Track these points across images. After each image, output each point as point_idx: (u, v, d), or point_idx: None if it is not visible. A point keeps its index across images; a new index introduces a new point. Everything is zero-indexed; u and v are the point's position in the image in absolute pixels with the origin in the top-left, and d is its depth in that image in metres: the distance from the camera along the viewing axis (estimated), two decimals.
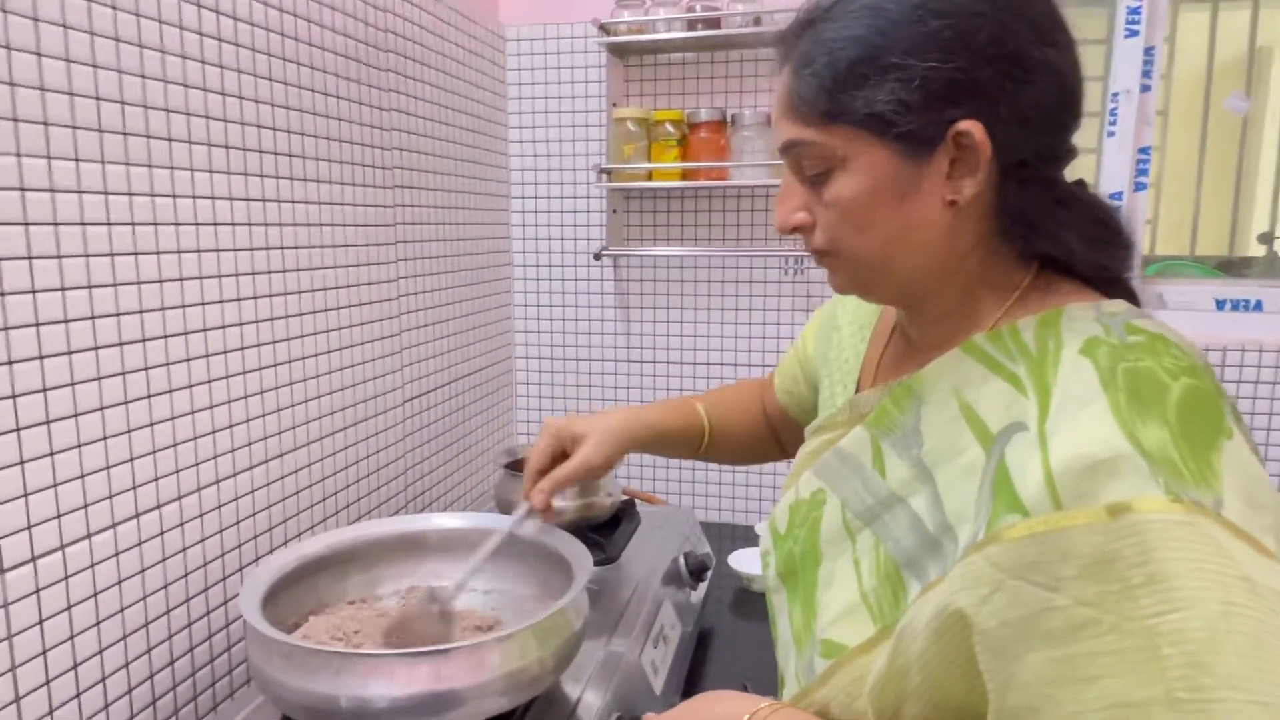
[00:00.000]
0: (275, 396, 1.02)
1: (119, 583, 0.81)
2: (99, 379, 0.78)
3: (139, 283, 0.82)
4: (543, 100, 1.70)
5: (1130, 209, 1.53)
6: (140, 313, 0.82)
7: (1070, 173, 0.63)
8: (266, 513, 1.02)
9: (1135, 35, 1.48)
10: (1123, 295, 0.61)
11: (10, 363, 0.70)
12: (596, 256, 1.67)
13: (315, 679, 0.71)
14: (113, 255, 0.79)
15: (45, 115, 0.72)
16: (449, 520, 1.00)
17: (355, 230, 1.17)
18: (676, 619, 1.12)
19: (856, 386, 0.75)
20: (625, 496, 1.33)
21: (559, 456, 0.89)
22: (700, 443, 0.96)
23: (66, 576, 0.76)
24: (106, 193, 0.78)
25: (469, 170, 1.54)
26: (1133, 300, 0.61)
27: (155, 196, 0.83)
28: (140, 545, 0.84)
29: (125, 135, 0.80)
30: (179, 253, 0.86)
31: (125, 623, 0.82)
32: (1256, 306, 1.50)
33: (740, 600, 1.39)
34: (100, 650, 0.80)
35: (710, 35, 1.51)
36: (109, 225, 0.79)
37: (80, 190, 0.76)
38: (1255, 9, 2.02)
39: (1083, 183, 0.62)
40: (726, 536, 1.63)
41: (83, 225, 0.76)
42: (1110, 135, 1.52)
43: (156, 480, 0.85)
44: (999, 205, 0.59)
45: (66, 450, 0.75)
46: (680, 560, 1.21)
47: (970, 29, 0.54)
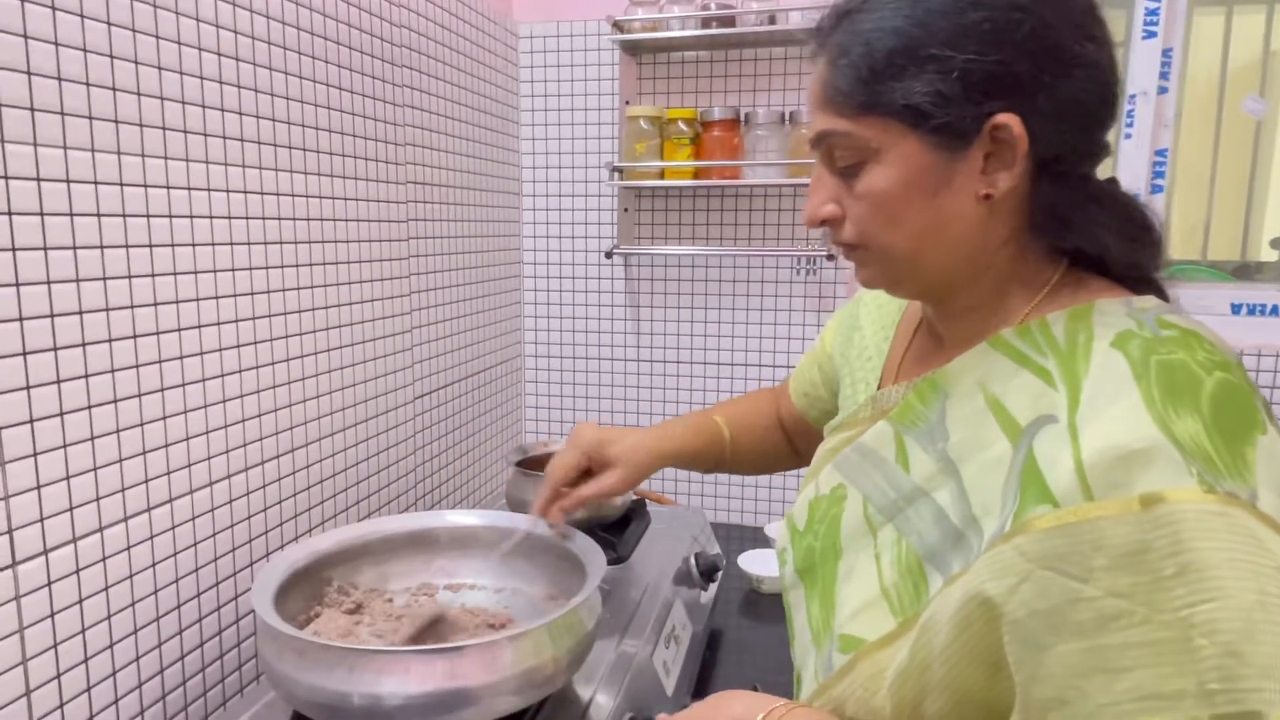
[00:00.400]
0: (287, 391, 1.02)
1: (130, 577, 0.81)
2: (113, 371, 0.78)
3: (154, 275, 0.82)
4: (555, 98, 1.70)
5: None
6: (154, 305, 0.82)
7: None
8: (278, 508, 1.01)
9: (1153, 36, 1.47)
10: (1153, 293, 0.61)
11: (25, 354, 0.70)
12: (608, 255, 1.67)
13: (328, 676, 0.70)
14: (128, 248, 0.79)
15: (61, 106, 0.72)
16: (460, 517, 1.00)
17: (368, 226, 1.17)
18: (688, 619, 1.11)
19: (878, 384, 0.74)
20: (635, 496, 1.33)
21: (583, 472, 0.89)
22: (722, 459, 0.96)
23: (78, 570, 0.76)
24: (122, 185, 0.78)
25: (481, 167, 1.53)
26: (1163, 298, 0.61)
27: (170, 189, 0.83)
28: (151, 539, 0.83)
29: (141, 127, 0.79)
30: (193, 245, 0.86)
31: (136, 617, 0.82)
32: (1273, 311, 1.49)
33: (750, 601, 1.39)
34: (111, 644, 0.79)
35: (724, 33, 1.51)
36: (124, 217, 0.78)
37: (96, 181, 0.75)
38: (1270, 13, 2.00)
39: (1114, 180, 0.62)
40: (736, 537, 1.62)
41: (98, 216, 0.76)
42: (1127, 137, 1.51)
43: (168, 474, 0.85)
44: (1032, 200, 0.59)
45: (79, 443, 0.75)
46: (691, 561, 1.20)
47: (1011, 22, 0.54)
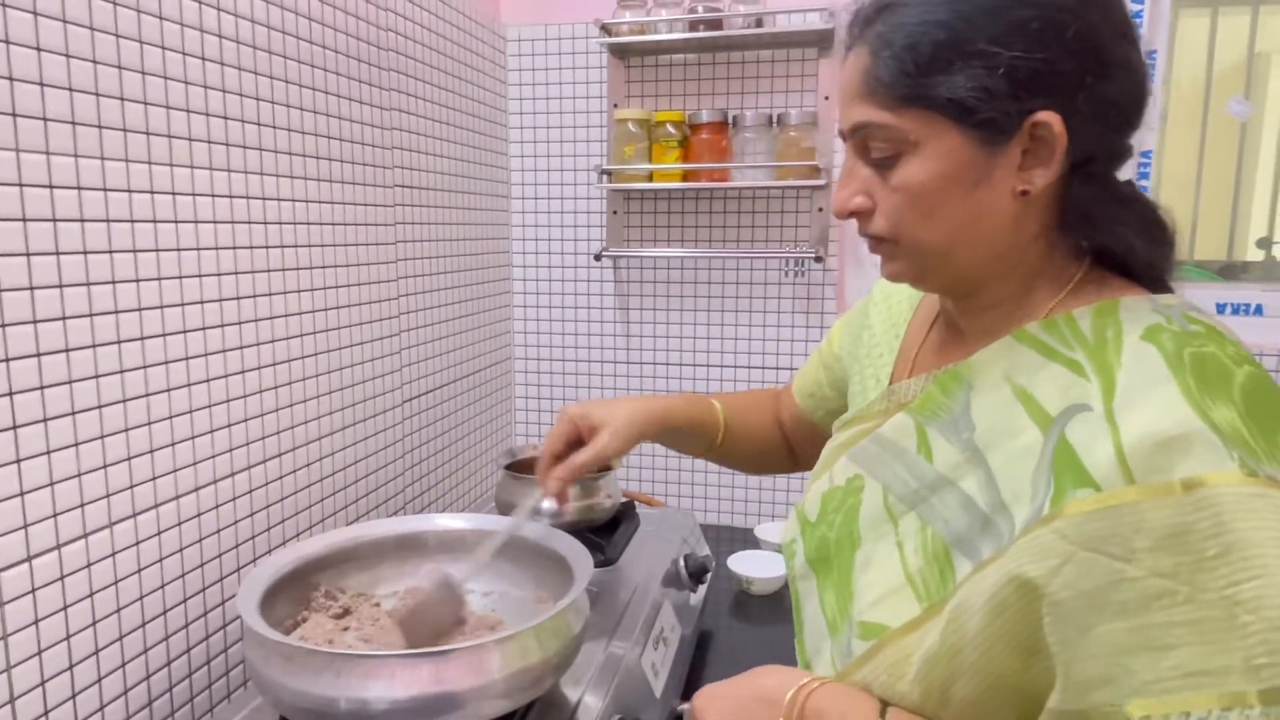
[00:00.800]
0: (274, 396, 1.01)
1: (115, 583, 0.81)
2: (96, 377, 0.78)
3: (138, 280, 0.81)
4: (544, 101, 1.70)
5: None
6: (139, 310, 0.82)
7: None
8: (265, 513, 1.01)
9: None
10: (1167, 292, 0.63)
11: (7, 360, 0.70)
12: (597, 257, 1.67)
13: (315, 681, 0.70)
14: (111, 253, 0.78)
15: (44, 111, 0.72)
16: (448, 521, 1.00)
17: (355, 230, 1.17)
18: (676, 621, 1.11)
19: (890, 379, 0.75)
20: (625, 499, 1.33)
21: (574, 443, 0.87)
22: (715, 439, 0.94)
23: (63, 576, 0.75)
24: (106, 189, 0.78)
25: (470, 170, 1.53)
26: None
27: (155, 194, 0.83)
28: (138, 545, 0.83)
29: (125, 132, 0.79)
30: (178, 250, 0.86)
31: (122, 623, 0.82)
32: (1257, 310, 1.50)
33: (740, 603, 1.39)
34: (96, 651, 0.79)
35: (712, 36, 1.51)
36: (108, 222, 0.78)
37: (79, 187, 0.75)
38: (1255, 15, 2.02)
39: (1131, 182, 0.63)
40: (726, 539, 1.63)
41: (81, 222, 0.75)
42: None
43: (154, 479, 0.84)
44: (1063, 199, 0.60)
45: (63, 449, 0.75)
46: (680, 562, 1.20)
47: (1058, 23, 0.55)
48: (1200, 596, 0.46)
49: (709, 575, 1.24)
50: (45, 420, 0.73)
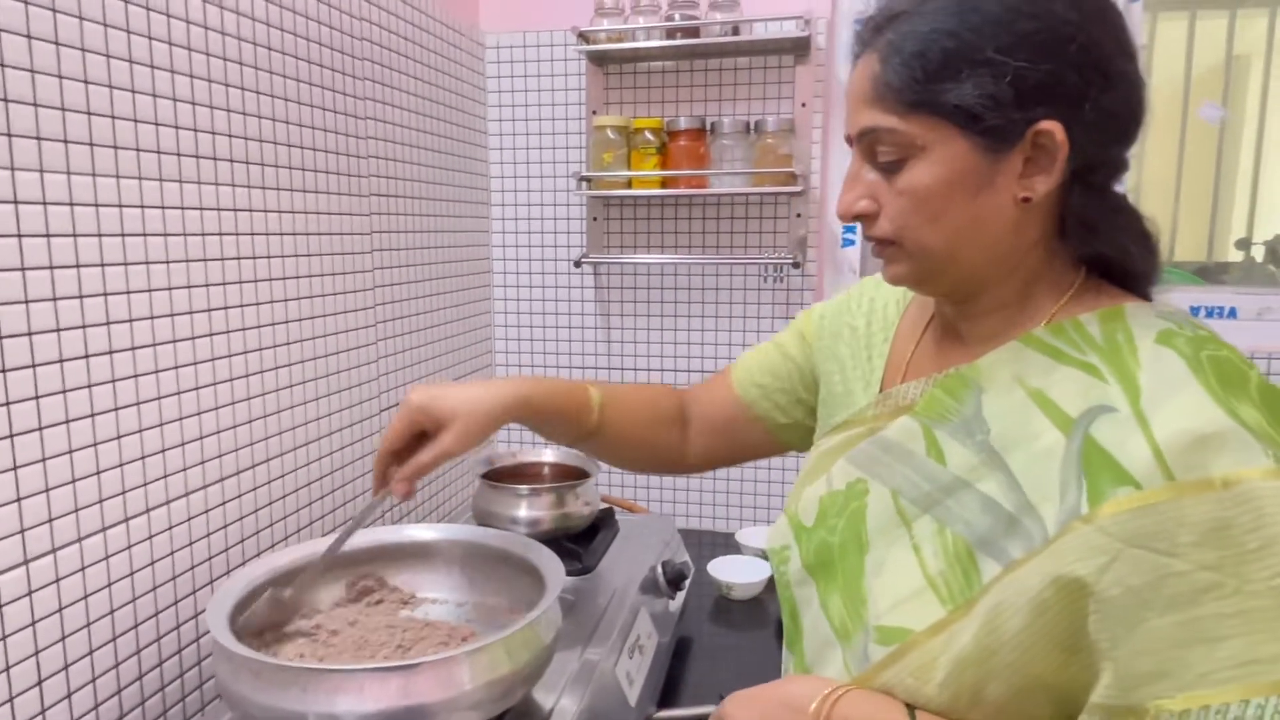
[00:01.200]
0: (247, 408, 1.01)
1: (85, 597, 0.80)
2: (64, 392, 0.77)
3: (105, 294, 0.81)
4: (523, 108, 1.70)
5: None
6: (107, 325, 0.81)
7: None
8: (239, 525, 1.01)
9: None
10: (1158, 302, 0.65)
11: None
12: (577, 264, 1.67)
13: (283, 695, 0.70)
14: (78, 267, 0.78)
15: (8, 127, 0.71)
16: (420, 531, 1.00)
17: (329, 239, 1.17)
18: (653, 628, 1.11)
19: (881, 384, 0.75)
20: (604, 505, 1.33)
21: (417, 436, 0.78)
22: (587, 427, 0.86)
23: (30, 591, 0.75)
24: (72, 204, 0.77)
25: (448, 178, 1.53)
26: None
27: (123, 207, 0.83)
28: (107, 559, 0.83)
29: (91, 146, 0.79)
30: (147, 264, 0.86)
31: (91, 638, 0.81)
32: (1231, 313, 1.52)
33: (720, 609, 1.39)
34: (66, 666, 0.79)
35: (689, 44, 1.52)
36: (74, 236, 0.78)
37: (45, 202, 0.75)
38: (1232, 18, 2.04)
39: (1124, 194, 0.65)
40: (708, 544, 1.63)
41: (47, 237, 0.75)
42: None
43: (124, 494, 0.84)
44: (1062, 206, 0.62)
45: (30, 464, 0.74)
46: (658, 569, 1.21)
47: (1063, 35, 0.57)
48: (1246, 588, 0.48)
49: (687, 582, 1.24)
50: (11, 436, 0.73)
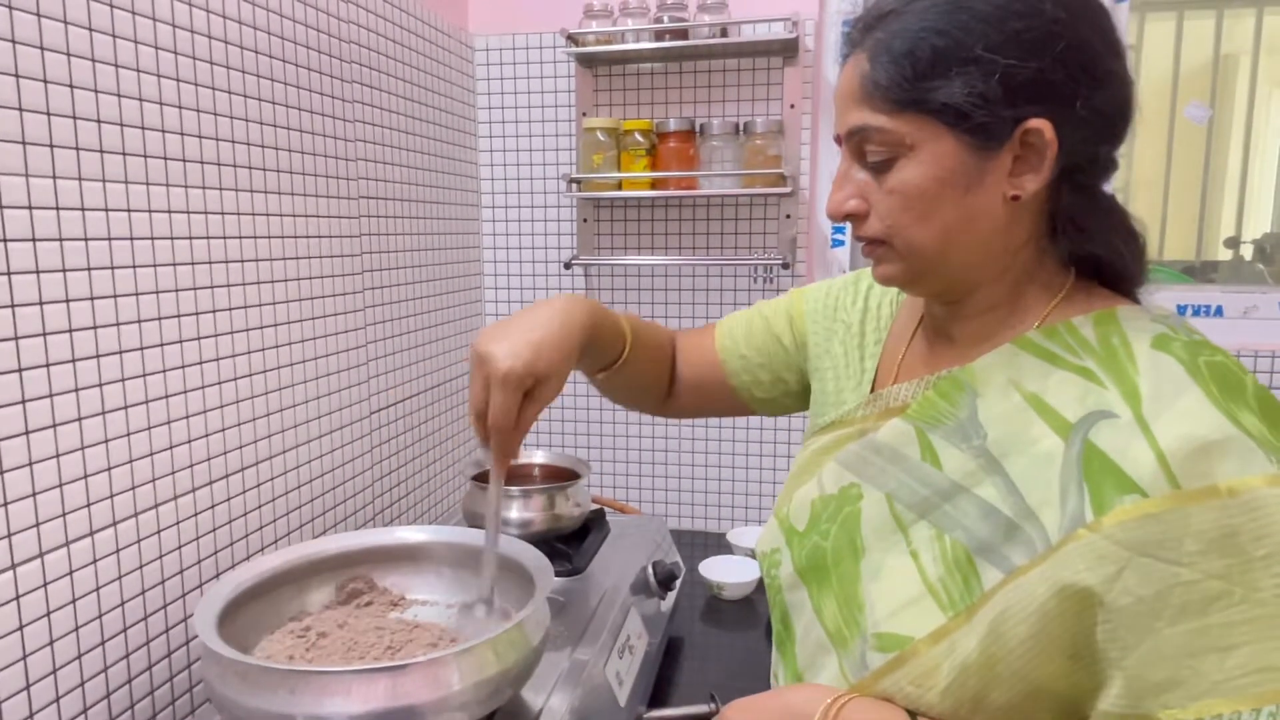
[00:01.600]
0: (236, 411, 1.01)
1: (73, 601, 0.81)
2: (51, 396, 0.77)
3: (92, 298, 0.81)
4: (512, 110, 1.70)
5: None
6: (94, 328, 0.82)
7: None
8: (228, 528, 1.01)
9: None
10: (1145, 303, 0.65)
11: None
12: (567, 265, 1.68)
13: (271, 698, 0.70)
14: (65, 271, 0.78)
15: None
16: (410, 533, 1.00)
17: (319, 242, 1.17)
18: (643, 629, 1.12)
19: (872, 385, 0.75)
20: (595, 506, 1.33)
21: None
22: (620, 352, 0.84)
23: (18, 596, 0.75)
24: (59, 208, 0.78)
25: (438, 180, 1.54)
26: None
27: (109, 211, 0.83)
28: (96, 563, 0.83)
29: (78, 150, 0.79)
30: (134, 267, 0.86)
31: (80, 641, 0.81)
32: (1217, 312, 1.53)
33: (711, 609, 1.40)
34: (54, 670, 0.79)
35: (678, 46, 1.52)
36: (60, 241, 0.78)
37: (30, 206, 0.75)
38: (1220, 18, 2.05)
39: (1114, 195, 0.65)
40: (700, 544, 1.63)
41: (33, 241, 0.75)
42: None
43: (112, 498, 0.84)
44: (1052, 206, 0.62)
45: (17, 469, 0.74)
46: (648, 569, 1.21)
47: (1051, 34, 0.57)
48: (1254, 595, 0.48)
49: (678, 582, 1.25)
50: None
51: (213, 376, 0.97)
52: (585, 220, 1.69)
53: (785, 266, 1.58)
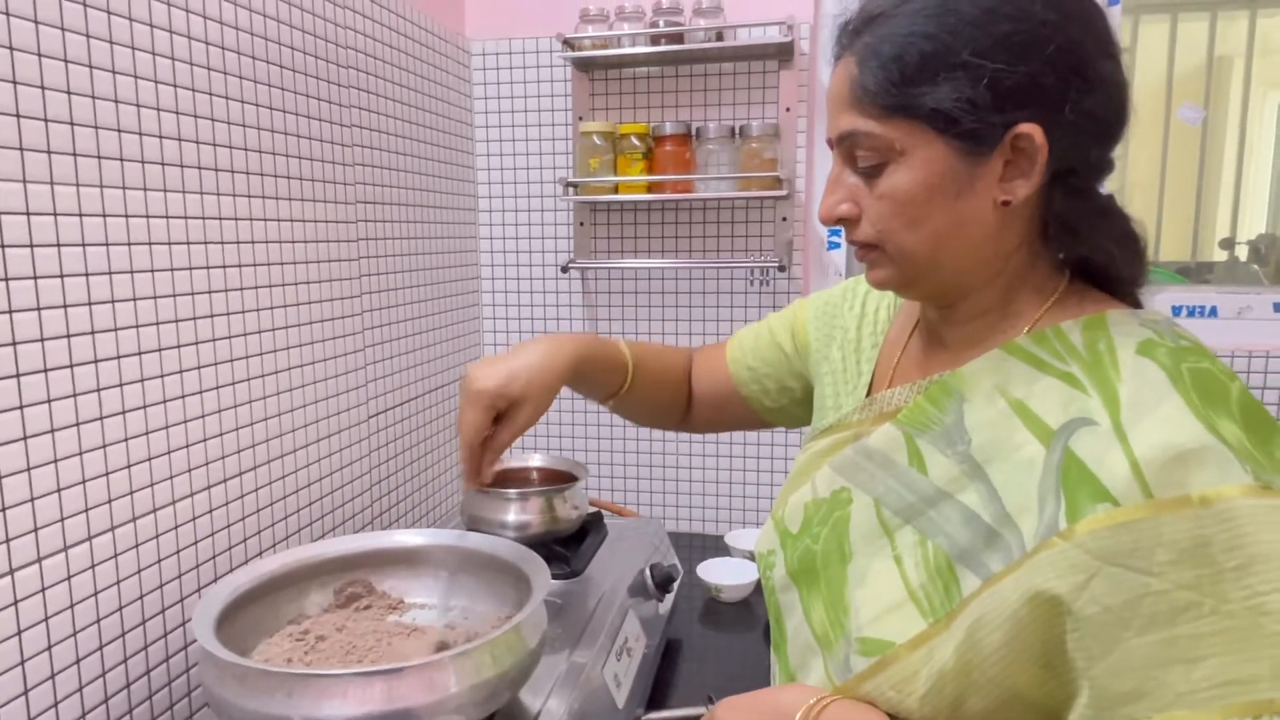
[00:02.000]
0: (234, 415, 1.02)
1: (71, 606, 0.81)
2: (49, 401, 0.78)
3: (90, 304, 0.82)
4: (509, 114, 1.71)
5: None
6: (92, 334, 0.82)
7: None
8: (226, 532, 1.01)
9: None
10: (1137, 305, 0.64)
11: None
12: (564, 269, 1.68)
13: (268, 701, 0.70)
14: (62, 277, 0.79)
15: None
16: (408, 537, 1.00)
17: (317, 246, 1.17)
18: (641, 631, 1.12)
19: (868, 389, 0.75)
20: (593, 508, 1.34)
21: (494, 421, 0.81)
22: (623, 384, 0.88)
23: (16, 601, 0.75)
24: (56, 214, 0.78)
25: (436, 185, 1.54)
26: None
27: (107, 216, 0.83)
28: (94, 567, 0.83)
29: (75, 156, 0.79)
30: (132, 273, 0.86)
31: (79, 647, 0.82)
32: (1212, 312, 1.53)
33: (710, 610, 1.40)
34: (53, 674, 0.79)
35: (673, 50, 1.53)
36: (58, 246, 0.78)
37: (29, 212, 0.75)
38: (1213, 20, 2.06)
39: (1113, 196, 0.64)
40: (698, 546, 1.64)
41: (31, 247, 0.76)
42: None
43: (110, 502, 0.84)
44: (1044, 210, 0.61)
45: (15, 474, 0.75)
46: (646, 572, 1.21)
47: (1041, 37, 0.56)
48: (1224, 608, 0.47)
49: (675, 584, 1.25)
50: None
51: (211, 380, 0.97)
52: (582, 224, 1.69)
53: (781, 269, 1.59)
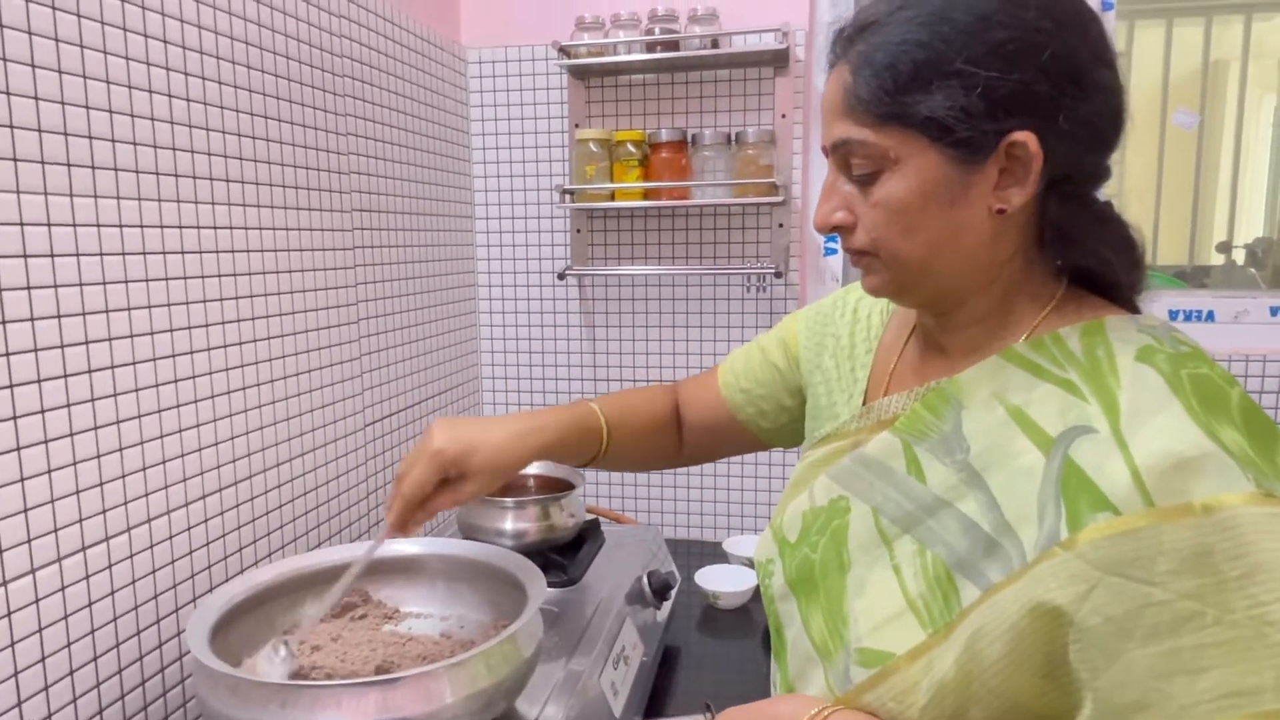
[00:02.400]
0: (229, 424, 1.01)
1: (65, 617, 0.80)
2: (42, 412, 0.78)
3: (84, 314, 0.81)
4: (505, 122, 1.71)
5: None
6: (85, 344, 0.82)
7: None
8: (220, 542, 1.01)
9: None
10: (1135, 311, 0.64)
11: None
12: (561, 276, 1.68)
13: (262, 712, 0.70)
14: (56, 287, 0.79)
15: None
16: (407, 546, 1.00)
17: (312, 255, 1.17)
18: (638, 639, 1.12)
19: (864, 397, 0.75)
20: (590, 516, 1.33)
21: (439, 483, 0.80)
22: (599, 450, 0.88)
23: (10, 613, 0.75)
24: (50, 224, 0.78)
25: (432, 192, 1.54)
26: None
27: (101, 227, 0.83)
28: (88, 579, 0.83)
29: (69, 166, 0.79)
30: (126, 282, 0.86)
31: (72, 658, 0.81)
32: (1209, 317, 1.53)
33: (708, 618, 1.39)
34: (46, 686, 0.79)
35: (669, 57, 1.53)
36: (51, 257, 0.78)
37: (22, 223, 0.75)
38: (1208, 24, 2.06)
39: (1110, 203, 0.64)
40: (696, 553, 1.63)
41: (24, 258, 0.76)
42: None
43: (104, 513, 0.84)
44: (1040, 217, 0.61)
45: (8, 485, 0.75)
46: (643, 579, 1.21)
47: (1035, 44, 0.56)
48: (1227, 618, 0.46)
49: (673, 592, 1.24)
50: None
51: (205, 390, 0.97)
52: (579, 231, 1.70)
53: (778, 275, 1.59)
